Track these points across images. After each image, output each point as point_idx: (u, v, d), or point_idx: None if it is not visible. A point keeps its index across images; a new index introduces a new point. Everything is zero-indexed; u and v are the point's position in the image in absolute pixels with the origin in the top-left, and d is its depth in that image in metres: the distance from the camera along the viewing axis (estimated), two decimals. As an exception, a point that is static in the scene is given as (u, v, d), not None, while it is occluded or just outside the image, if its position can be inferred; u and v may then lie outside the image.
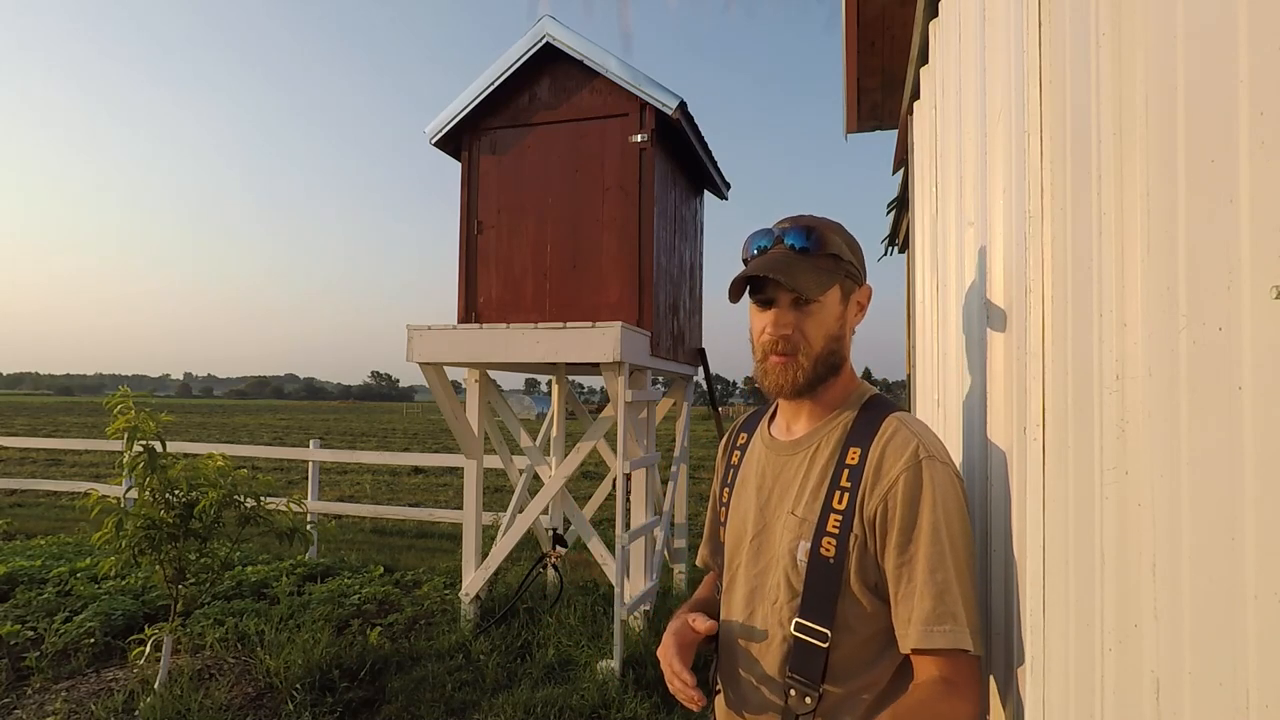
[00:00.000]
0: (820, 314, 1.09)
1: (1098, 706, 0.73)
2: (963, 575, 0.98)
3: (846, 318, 1.14)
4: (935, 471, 1.01)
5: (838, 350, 1.12)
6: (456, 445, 4.73)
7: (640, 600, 4.41)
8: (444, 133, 4.45)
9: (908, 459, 1.02)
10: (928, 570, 0.97)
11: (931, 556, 0.98)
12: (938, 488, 1.00)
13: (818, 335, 1.09)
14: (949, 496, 1.00)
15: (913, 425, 1.07)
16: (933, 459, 1.02)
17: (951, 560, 0.98)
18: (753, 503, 1.18)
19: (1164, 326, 0.60)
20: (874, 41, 3.15)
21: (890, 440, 1.05)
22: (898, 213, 4.51)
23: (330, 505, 7.08)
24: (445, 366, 4.25)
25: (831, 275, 1.09)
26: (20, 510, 9.25)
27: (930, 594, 0.97)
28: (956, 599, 0.96)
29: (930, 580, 0.97)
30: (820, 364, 1.10)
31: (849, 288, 1.13)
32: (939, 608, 0.96)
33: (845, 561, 1.03)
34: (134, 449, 3.38)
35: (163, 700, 3.27)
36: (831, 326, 1.10)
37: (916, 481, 1.00)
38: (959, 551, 0.99)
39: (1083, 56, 0.77)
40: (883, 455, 1.04)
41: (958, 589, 0.97)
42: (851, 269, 1.13)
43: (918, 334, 2.46)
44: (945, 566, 0.97)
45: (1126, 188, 0.68)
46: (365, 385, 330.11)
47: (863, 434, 1.08)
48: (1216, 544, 0.53)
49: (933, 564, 0.97)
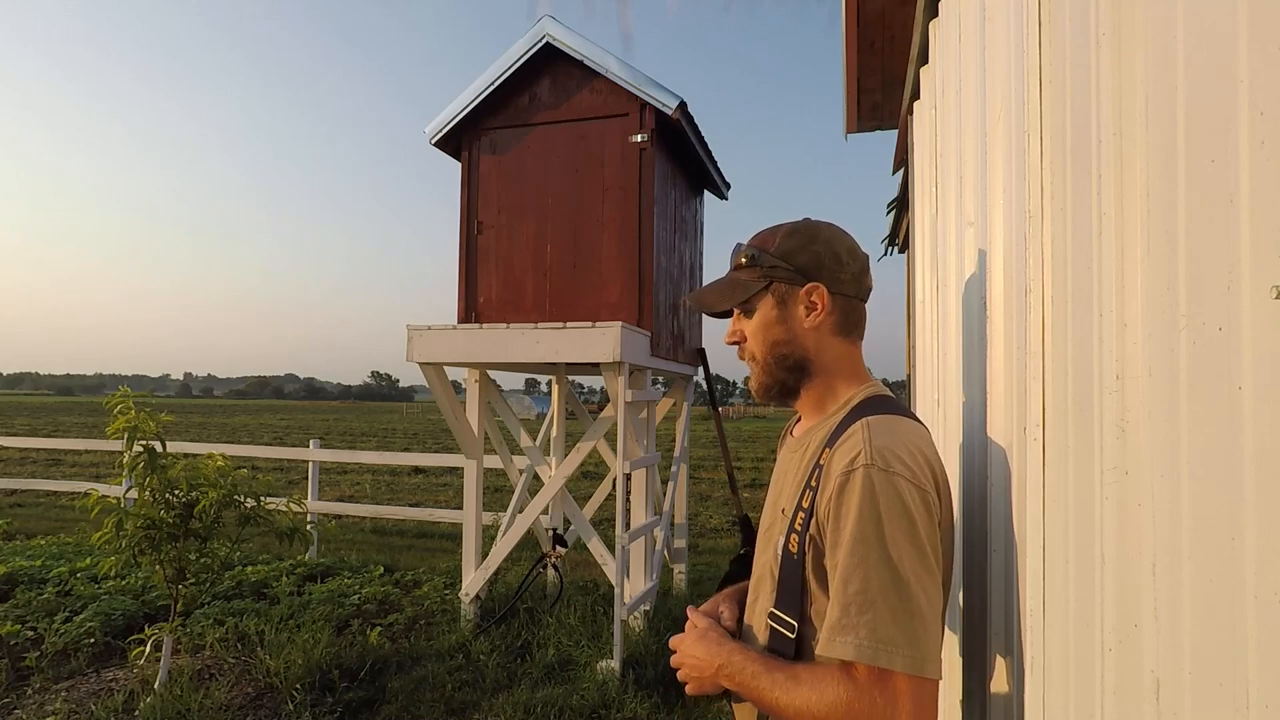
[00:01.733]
0: (755, 322, 1.17)
1: (1098, 706, 0.73)
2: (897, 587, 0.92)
3: (789, 320, 1.14)
4: (870, 480, 0.96)
5: (789, 354, 1.15)
6: (456, 445, 4.73)
7: (640, 600, 4.41)
8: (444, 133, 4.45)
9: (846, 465, 1.00)
10: (841, 580, 0.95)
11: (846, 566, 0.95)
12: (868, 496, 0.96)
13: (756, 343, 1.17)
14: (886, 506, 0.95)
15: (874, 430, 1.02)
16: (871, 467, 0.97)
17: (876, 570, 0.93)
18: (770, 497, 1.24)
19: (1164, 326, 0.60)
20: (874, 41, 3.15)
21: (842, 445, 1.04)
22: (898, 213, 4.52)
23: (330, 505, 7.08)
24: (445, 366, 4.25)
25: (748, 286, 1.15)
26: (20, 510, 9.26)
27: (839, 603, 0.95)
28: (872, 608, 0.92)
29: (842, 590, 0.95)
30: (771, 369, 1.16)
31: (783, 291, 1.14)
32: (843, 618, 0.93)
33: (805, 558, 1.04)
34: (134, 449, 3.38)
35: (163, 700, 3.27)
36: (770, 333, 1.15)
37: (843, 489, 0.98)
38: (892, 563, 0.93)
39: (1083, 56, 0.77)
40: (832, 459, 1.04)
41: (879, 599, 0.92)
42: (781, 273, 1.13)
43: (918, 334, 2.46)
44: (862, 576, 0.93)
45: (1126, 188, 0.68)
46: (365, 385, 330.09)
47: (836, 436, 1.08)
48: (1216, 544, 0.53)
49: (846, 573, 0.95)
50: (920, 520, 0.96)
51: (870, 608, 0.92)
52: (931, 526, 0.98)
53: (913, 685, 0.91)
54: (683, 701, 3.59)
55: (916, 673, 0.90)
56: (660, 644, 4.13)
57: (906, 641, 0.91)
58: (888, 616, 0.92)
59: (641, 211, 4.16)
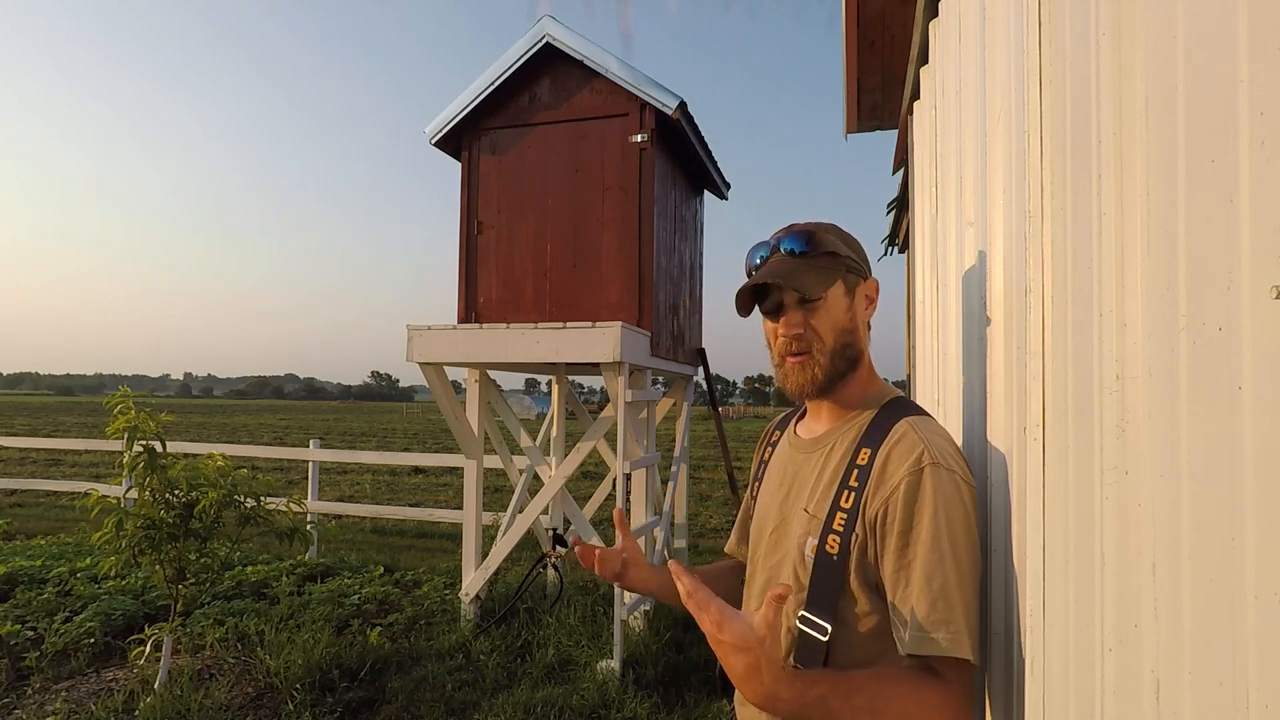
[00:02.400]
0: (827, 310, 1.14)
1: (1098, 706, 0.73)
2: (962, 583, 0.97)
3: (855, 311, 1.16)
4: (939, 479, 1.00)
5: (852, 344, 1.15)
6: (456, 445, 4.73)
7: (640, 600, 4.41)
8: (444, 133, 4.45)
9: (911, 465, 1.01)
10: (924, 577, 0.97)
11: (928, 563, 0.97)
12: (939, 495, 0.99)
13: (828, 330, 1.13)
14: (952, 504, 0.99)
15: (924, 430, 1.06)
16: (937, 466, 1.01)
17: (951, 567, 0.97)
18: (775, 498, 1.22)
19: (1164, 326, 0.60)
20: (874, 41, 3.15)
21: (898, 444, 1.05)
22: (898, 213, 4.52)
23: (330, 505, 7.08)
24: (445, 366, 4.25)
25: (830, 272, 1.13)
26: (20, 510, 9.26)
27: (926, 600, 0.97)
28: (953, 606, 0.96)
29: (927, 586, 0.97)
30: (836, 358, 1.14)
31: (852, 282, 1.16)
32: (933, 614, 0.96)
33: (847, 559, 1.04)
34: (134, 449, 3.38)
35: (163, 700, 3.27)
36: (840, 320, 1.14)
37: (917, 488, 1.00)
38: (960, 560, 0.98)
39: (1083, 56, 0.77)
40: (888, 459, 1.04)
41: (956, 596, 0.96)
42: (852, 264, 1.16)
43: (918, 334, 2.46)
44: (942, 573, 0.97)
45: (1126, 188, 0.68)
46: (365, 385, 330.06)
47: (875, 435, 1.09)
48: (1216, 544, 0.53)
49: (929, 570, 0.97)
50: (973, 517, 1.02)
51: (951, 605, 0.97)
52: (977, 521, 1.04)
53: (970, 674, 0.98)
54: (682, 701, 3.59)
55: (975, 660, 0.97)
56: (660, 644, 4.13)
57: (971, 636, 0.97)
58: (961, 612, 0.97)
59: (641, 211, 4.16)
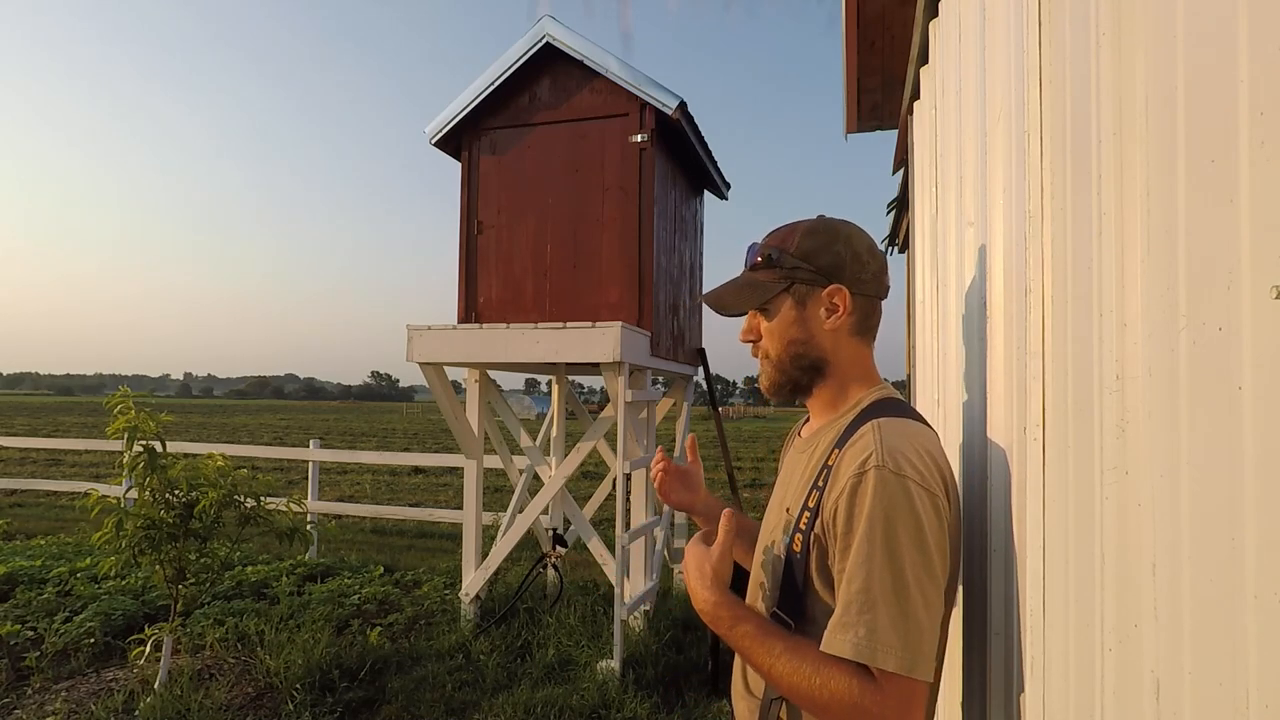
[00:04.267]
0: (772, 322, 1.17)
1: (1098, 706, 0.73)
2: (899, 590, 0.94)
3: (807, 320, 1.14)
4: (882, 481, 0.97)
5: (805, 354, 1.15)
6: (456, 445, 4.73)
7: (640, 600, 4.41)
8: (444, 133, 4.45)
9: (857, 467, 1.00)
10: (846, 578, 0.97)
11: (852, 565, 0.96)
12: (878, 498, 0.96)
13: (773, 341, 1.17)
14: (894, 508, 0.96)
15: (886, 432, 1.03)
16: (882, 469, 0.98)
17: (879, 571, 0.94)
18: (775, 497, 1.23)
19: (1164, 326, 0.60)
20: (874, 41, 3.15)
21: (852, 445, 1.04)
22: (898, 213, 4.52)
23: (330, 505, 7.08)
24: (445, 366, 4.25)
25: (768, 287, 1.15)
26: (20, 510, 9.26)
27: (842, 601, 0.96)
28: (872, 609, 0.93)
29: (846, 588, 0.96)
30: (785, 367, 1.16)
31: (802, 292, 1.14)
32: (844, 615, 0.95)
33: (808, 557, 1.04)
34: (134, 449, 3.38)
35: (163, 700, 3.27)
36: (786, 332, 1.15)
37: (855, 490, 0.99)
38: (896, 565, 0.95)
39: (1083, 56, 0.77)
40: (841, 460, 1.04)
41: (879, 600, 0.93)
42: (802, 274, 1.13)
43: (918, 334, 2.46)
44: (864, 575, 0.95)
45: (1126, 188, 0.68)
46: (365, 385, 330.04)
47: (846, 437, 1.08)
48: (1216, 544, 0.53)
49: (851, 572, 0.96)
50: (928, 524, 0.97)
51: (871, 608, 0.93)
52: (940, 531, 0.99)
53: (903, 686, 0.93)
54: (682, 701, 3.59)
55: (907, 673, 0.92)
56: (660, 644, 4.13)
57: (901, 643, 0.92)
58: (886, 617, 0.93)
59: (641, 211, 4.16)
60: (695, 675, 3.86)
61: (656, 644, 4.11)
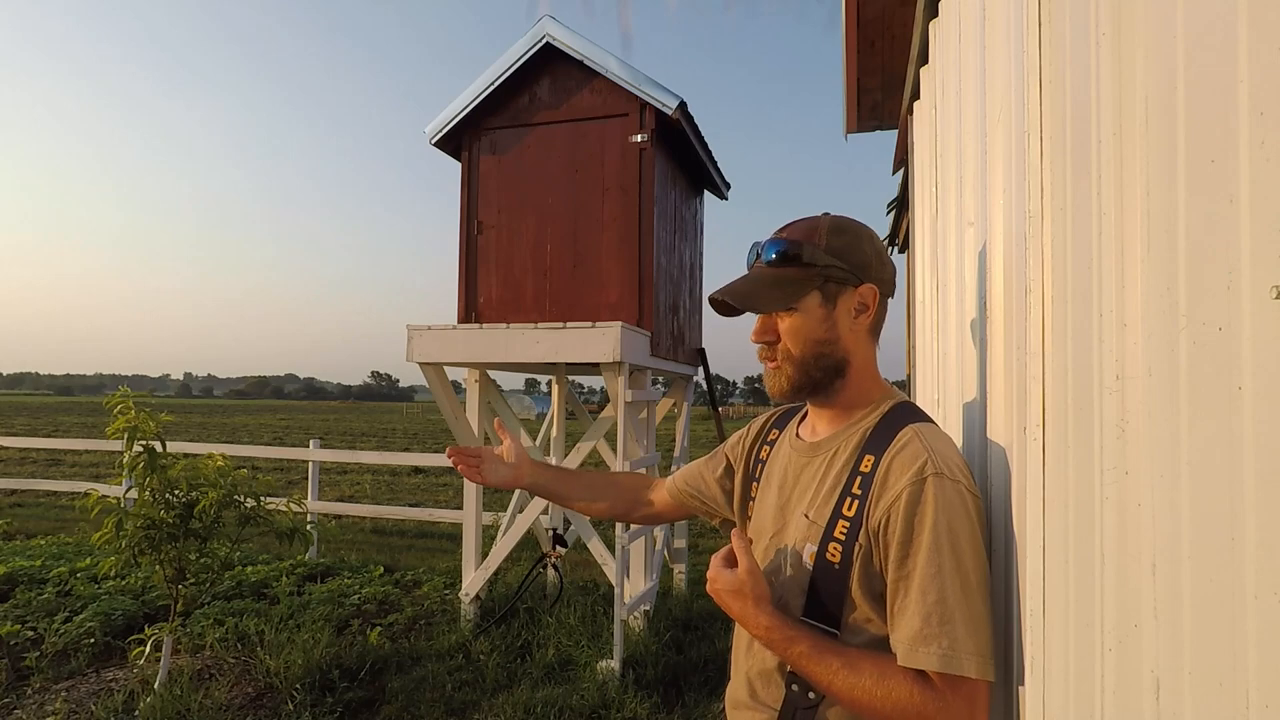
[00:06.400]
0: (798, 321, 1.12)
1: (1098, 706, 0.73)
2: (967, 597, 0.95)
3: (836, 320, 1.12)
4: (942, 488, 0.98)
5: (829, 354, 1.12)
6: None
7: (640, 600, 4.41)
8: (444, 133, 4.44)
9: (914, 474, 1.00)
10: (919, 590, 0.96)
11: (924, 576, 0.96)
12: (941, 505, 0.97)
13: (796, 341, 1.12)
14: (955, 515, 0.97)
15: (928, 438, 1.04)
16: (940, 476, 0.99)
17: (951, 580, 0.95)
18: (774, 501, 1.20)
19: (1164, 326, 0.60)
20: (874, 41, 3.16)
21: (900, 452, 1.03)
22: (898, 213, 4.52)
23: (330, 505, 7.08)
24: (445, 366, 4.25)
25: (801, 285, 1.11)
26: (20, 510, 9.25)
27: (919, 614, 0.95)
28: (951, 620, 0.94)
29: (921, 600, 0.96)
30: (808, 368, 1.12)
31: (833, 291, 1.12)
32: (925, 628, 0.94)
33: (850, 569, 1.03)
34: (134, 449, 3.38)
35: (163, 700, 3.27)
36: (814, 332, 1.11)
37: (919, 498, 0.98)
38: (964, 572, 0.96)
39: (1083, 56, 0.77)
40: (890, 467, 1.03)
41: (957, 610, 0.94)
42: (836, 272, 1.11)
43: (918, 334, 2.46)
44: (939, 586, 0.95)
45: (1126, 188, 0.68)
46: (365, 385, 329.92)
47: (879, 442, 1.07)
48: (1216, 544, 0.53)
49: (924, 583, 0.96)
50: (980, 527, 1.00)
51: (950, 620, 0.94)
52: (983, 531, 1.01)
53: (972, 688, 0.95)
54: (682, 701, 3.59)
55: (984, 677, 0.94)
56: (660, 644, 4.13)
57: (976, 649, 0.94)
58: (964, 626, 0.94)
59: (641, 211, 4.16)
60: (695, 675, 3.86)
61: (656, 644, 4.11)
